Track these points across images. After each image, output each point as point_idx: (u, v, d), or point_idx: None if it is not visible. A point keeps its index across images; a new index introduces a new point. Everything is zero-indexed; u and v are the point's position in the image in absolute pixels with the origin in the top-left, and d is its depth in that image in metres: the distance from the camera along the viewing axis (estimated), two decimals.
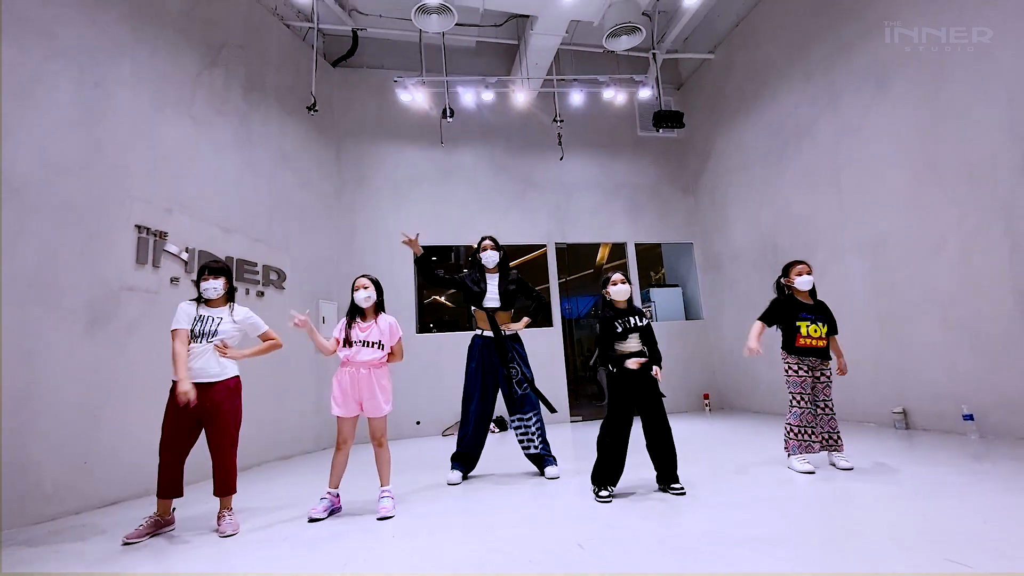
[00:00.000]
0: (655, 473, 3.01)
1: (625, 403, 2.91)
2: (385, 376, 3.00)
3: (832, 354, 3.41)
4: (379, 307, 3.10)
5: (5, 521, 2.98)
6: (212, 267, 2.93)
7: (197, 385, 2.70)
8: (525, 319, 3.77)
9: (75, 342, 3.49)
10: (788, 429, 3.31)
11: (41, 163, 3.42)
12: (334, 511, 2.92)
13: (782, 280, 3.50)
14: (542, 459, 3.62)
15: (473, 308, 3.80)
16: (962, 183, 4.06)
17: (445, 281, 3.90)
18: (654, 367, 2.95)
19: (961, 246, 4.08)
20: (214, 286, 2.87)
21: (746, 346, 3.27)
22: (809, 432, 3.26)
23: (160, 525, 2.76)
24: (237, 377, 2.89)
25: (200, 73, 4.77)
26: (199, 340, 2.79)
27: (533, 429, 3.62)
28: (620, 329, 2.97)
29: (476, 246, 3.88)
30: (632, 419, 2.94)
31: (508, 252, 3.95)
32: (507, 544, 2.26)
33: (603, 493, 2.80)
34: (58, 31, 3.65)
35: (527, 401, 3.63)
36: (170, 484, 2.74)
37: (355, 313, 3.04)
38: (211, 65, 4.91)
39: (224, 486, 2.78)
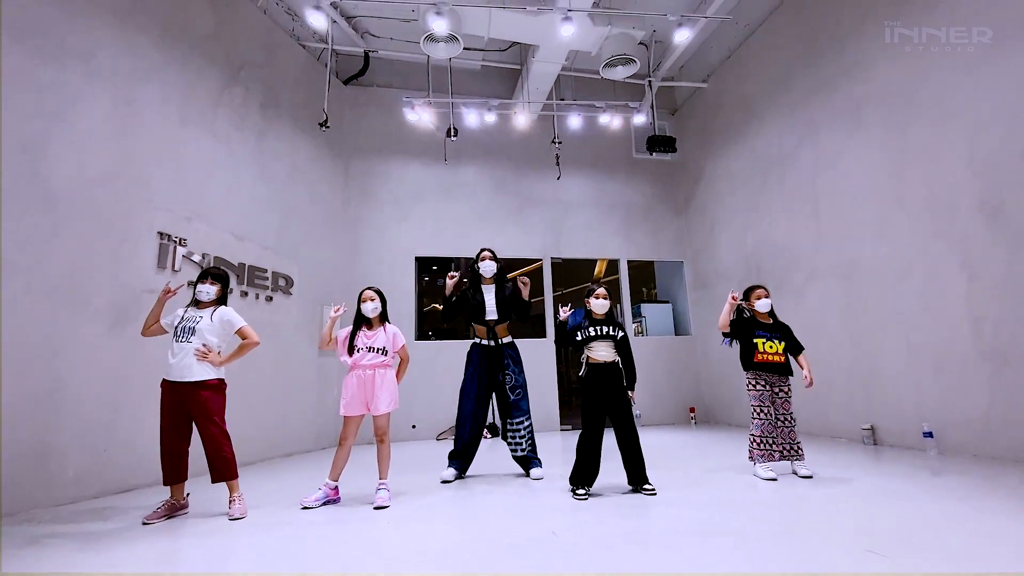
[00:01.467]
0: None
1: (595, 408, 3.18)
2: (390, 378, 3.29)
3: (799, 366, 3.68)
4: (383, 317, 3.40)
5: (32, 501, 3.25)
6: (214, 273, 3.21)
7: (182, 384, 2.98)
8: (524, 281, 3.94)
9: (99, 340, 3.78)
10: (752, 439, 3.60)
11: (77, 175, 3.74)
12: (331, 502, 3.19)
13: (743, 303, 3.81)
14: (528, 461, 3.89)
15: (472, 322, 4.04)
16: (926, 216, 4.38)
17: (457, 307, 4.02)
18: (629, 392, 3.24)
19: (924, 275, 4.38)
20: (207, 290, 3.14)
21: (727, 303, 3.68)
22: (770, 442, 3.54)
23: (175, 508, 3.03)
24: (220, 380, 3.12)
25: (222, 92, 5.12)
26: (180, 338, 3.04)
27: (523, 433, 3.88)
28: (589, 335, 3.25)
29: (474, 257, 4.13)
30: (604, 423, 3.20)
31: (504, 265, 4.20)
32: (490, 531, 2.53)
33: (580, 492, 3.07)
34: (97, 53, 3.99)
35: (519, 407, 3.90)
36: (172, 471, 3.01)
37: (360, 322, 3.34)
38: (231, 84, 5.26)
39: (220, 473, 3.01)
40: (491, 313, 3.94)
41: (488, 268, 4.00)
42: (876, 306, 4.83)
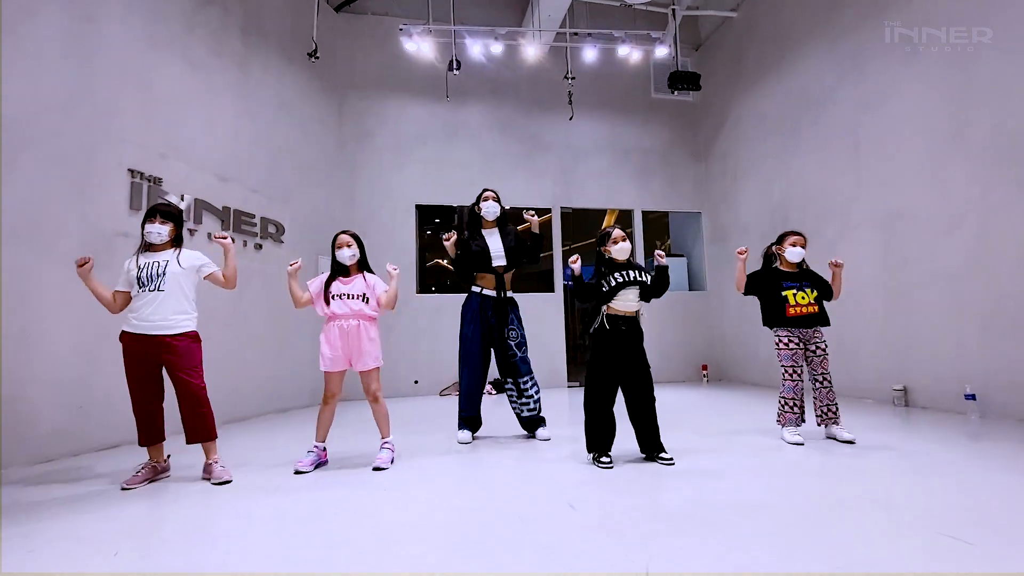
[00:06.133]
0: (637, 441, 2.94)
1: (608, 363, 2.82)
2: (374, 329, 2.97)
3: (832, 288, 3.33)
4: (362, 264, 3.03)
5: (4, 459, 3.00)
6: (163, 211, 2.80)
7: (153, 337, 2.67)
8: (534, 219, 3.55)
9: (69, 287, 3.41)
10: (783, 402, 3.30)
11: (30, 98, 3.29)
12: (320, 464, 2.94)
13: (773, 248, 3.42)
14: (537, 422, 3.61)
15: (476, 272, 3.56)
16: (988, 156, 3.89)
17: (465, 260, 3.56)
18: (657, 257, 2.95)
19: (980, 223, 3.94)
20: (159, 231, 2.74)
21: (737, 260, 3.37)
22: (801, 405, 3.24)
23: (156, 472, 2.77)
24: (195, 331, 2.80)
25: (195, 11, 4.54)
26: (146, 287, 2.68)
27: (531, 392, 3.57)
28: (617, 282, 2.84)
29: (476, 198, 3.66)
30: (616, 380, 2.86)
31: (512, 215, 3.76)
32: (499, 501, 2.25)
33: (604, 460, 2.75)
34: None
35: (525, 364, 3.58)
36: (148, 432, 2.75)
37: (336, 270, 2.97)
38: (206, 3, 4.67)
39: (198, 432, 2.72)
40: (498, 258, 3.51)
41: (491, 210, 3.56)
42: (919, 259, 4.41)
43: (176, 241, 2.84)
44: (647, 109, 7.61)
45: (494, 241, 3.54)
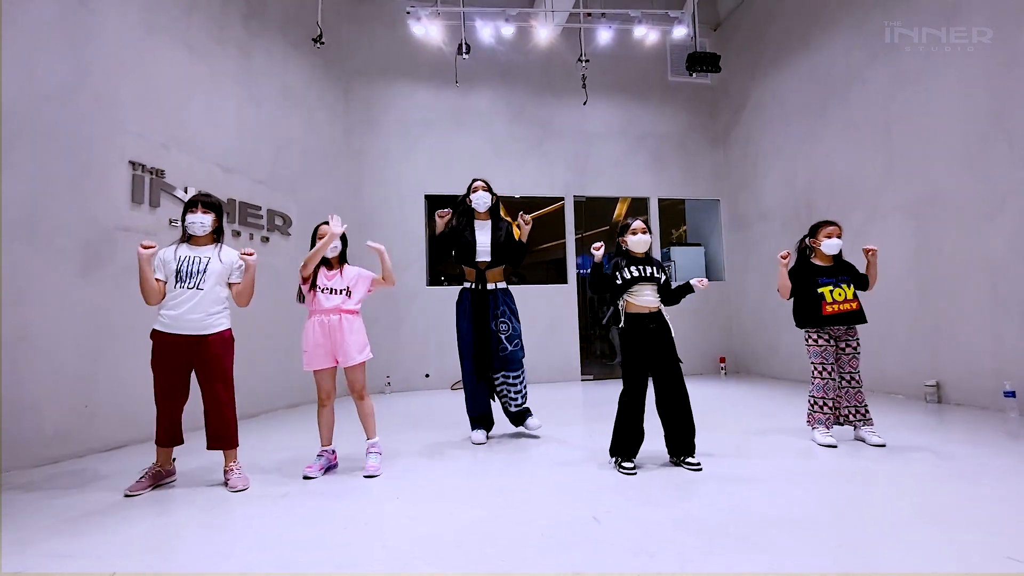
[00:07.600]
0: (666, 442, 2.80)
1: (637, 362, 2.68)
2: (358, 322, 2.85)
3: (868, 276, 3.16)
4: (343, 258, 2.92)
5: (7, 462, 2.92)
6: (205, 201, 2.69)
7: (187, 337, 2.56)
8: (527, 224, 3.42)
9: (69, 284, 3.33)
10: (812, 401, 3.12)
11: (25, 87, 3.15)
12: (331, 468, 2.83)
13: (807, 241, 3.22)
14: (523, 415, 3.53)
15: (461, 264, 3.49)
16: None
17: (445, 245, 3.47)
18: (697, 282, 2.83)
19: (1021, 210, 3.70)
20: (202, 221, 2.63)
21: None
22: (832, 405, 3.07)
23: (161, 476, 2.66)
24: (229, 330, 2.71)
25: None
26: (185, 283, 2.57)
27: (519, 387, 3.47)
28: (632, 276, 2.70)
29: (467, 189, 3.52)
30: (647, 380, 2.72)
31: (524, 205, 3.61)
32: (517, 511, 2.12)
33: (627, 465, 2.61)
34: None
35: (515, 358, 3.45)
36: (169, 433, 2.65)
37: (320, 261, 2.84)
38: None
39: (222, 440, 2.65)
40: (483, 254, 3.39)
41: (482, 200, 3.41)
42: (956, 247, 4.18)
43: (217, 233, 2.72)
44: (664, 93, 7.34)
45: (483, 234, 3.41)
